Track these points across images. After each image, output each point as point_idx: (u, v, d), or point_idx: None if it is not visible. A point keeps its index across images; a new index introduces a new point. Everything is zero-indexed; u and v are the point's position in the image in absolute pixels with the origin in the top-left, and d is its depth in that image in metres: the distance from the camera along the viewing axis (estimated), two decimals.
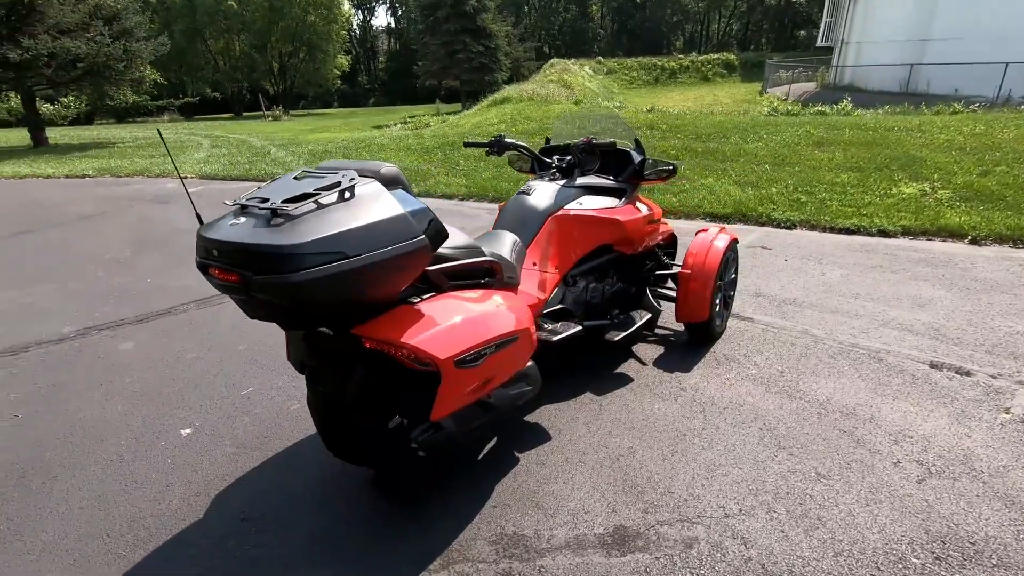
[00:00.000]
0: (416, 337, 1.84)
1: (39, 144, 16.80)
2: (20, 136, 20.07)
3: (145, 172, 10.61)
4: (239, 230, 1.64)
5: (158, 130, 2.28)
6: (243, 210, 1.72)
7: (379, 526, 2.12)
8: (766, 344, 3.36)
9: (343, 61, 48.05)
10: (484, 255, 2.30)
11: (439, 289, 2.12)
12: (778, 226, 5.67)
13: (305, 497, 2.29)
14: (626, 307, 3.20)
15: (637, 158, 3.17)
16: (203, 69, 43.20)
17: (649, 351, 3.33)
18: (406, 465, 2.14)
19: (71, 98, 28.87)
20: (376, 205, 1.77)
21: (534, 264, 2.73)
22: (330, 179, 1.82)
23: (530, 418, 2.74)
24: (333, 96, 53.80)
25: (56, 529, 2.20)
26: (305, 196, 1.72)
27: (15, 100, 22.35)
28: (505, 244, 2.61)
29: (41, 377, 3.39)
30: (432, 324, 1.91)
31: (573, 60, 24.61)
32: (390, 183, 1.91)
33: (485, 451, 2.53)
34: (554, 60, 22.81)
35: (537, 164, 3.18)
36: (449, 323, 1.93)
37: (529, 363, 2.31)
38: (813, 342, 3.35)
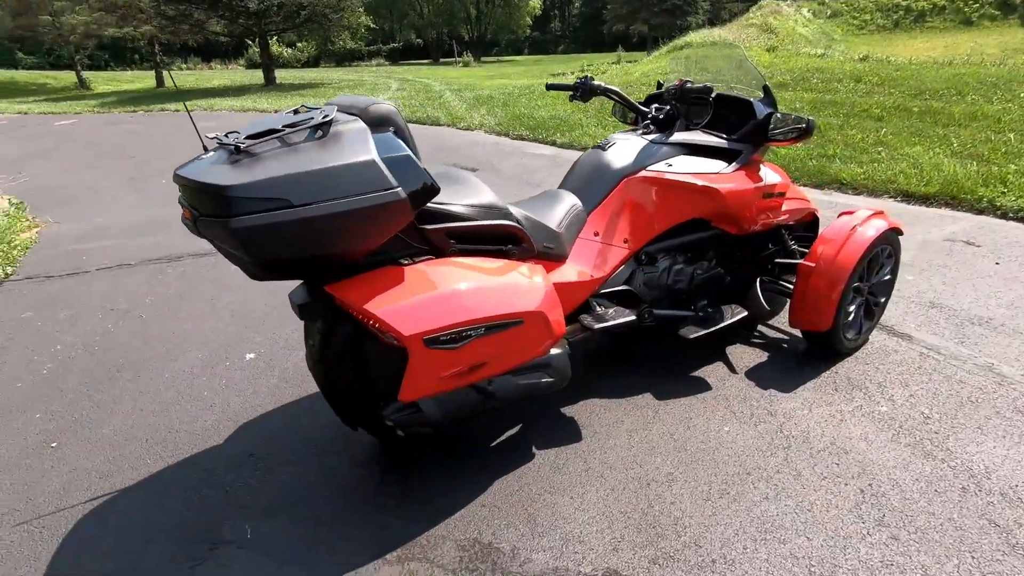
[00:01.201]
0: (383, 306, 1.60)
1: (269, 83, 19.48)
2: (259, 76, 23.51)
3: None
4: (198, 166, 1.52)
5: (184, 105, 2.26)
6: (220, 146, 1.59)
7: (365, 495, 2.00)
8: (918, 375, 2.51)
9: (535, 5, 47.87)
10: (505, 217, 1.94)
11: (439, 252, 1.83)
12: (1003, 216, 4.25)
13: (314, 444, 2.25)
14: (720, 299, 2.59)
15: (762, 111, 2.46)
16: (408, 16, 46.30)
17: (746, 357, 2.69)
18: (393, 439, 1.95)
19: (303, 44, 33.01)
20: (347, 148, 1.52)
21: (596, 234, 2.29)
22: (313, 116, 1.60)
23: (568, 410, 2.38)
24: (524, 43, 54.23)
25: (115, 425, 2.45)
26: (271, 132, 1.53)
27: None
28: (555, 208, 2.21)
29: (175, 284, 3.85)
30: (408, 293, 1.64)
31: (789, 1, 21.20)
32: (377, 124, 1.64)
33: (502, 438, 2.24)
34: (764, 1, 19.89)
35: (636, 114, 2.64)
36: (428, 295, 1.65)
37: (554, 351, 1.94)
38: (995, 384, 2.42)
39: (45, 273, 4.15)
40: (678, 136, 2.45)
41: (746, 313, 2.49)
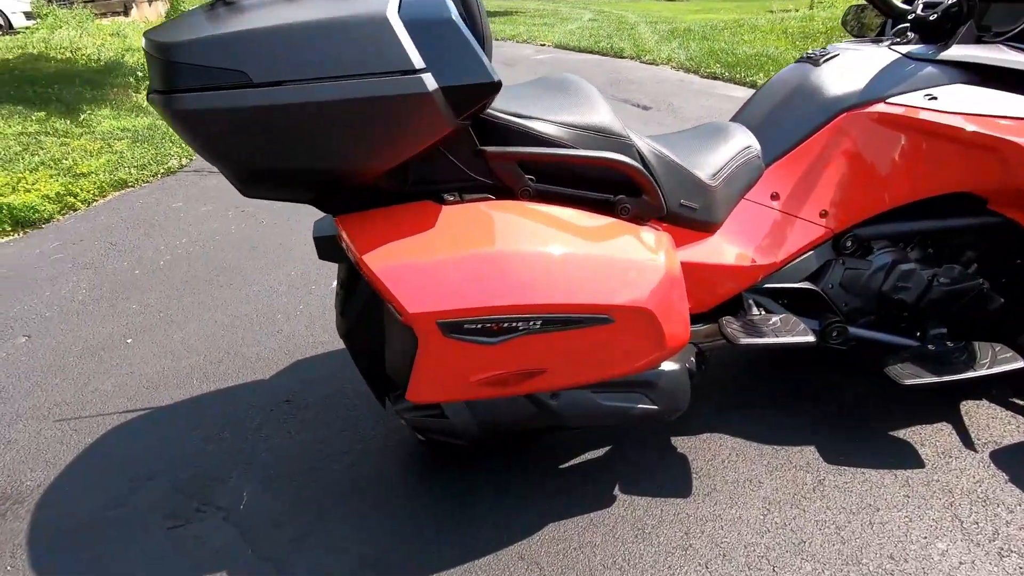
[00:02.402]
0: (386, 261, 1.05)
1: None
2: None
3: (516, 38, 11.09)
4: (172, 24, 1.06)
5: None
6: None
7: (386, 492, 1.57)
8: None
9: None
10: (621, 150, 1.24)
11: (508, 191, 1.21)
12: None
13: (358, 407, 1.86)
14: (972, 330, 1.61)
15: None
16: None
17: (995, 429, 1.69)
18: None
19: None
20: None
21: (774, 197, 1.47)
22: None
23: (681, 443, 1.67)
24: None
25: (187, 332, 2.31)
26: None
27: None
28: (714, 149, 1.44)
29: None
30: (432, 248, 1.06)
31: None
32: None
33: (579, 459, 1.63)
34: None
35: (887, 15, 1.67)
36: (461, 254, 1.05)
37: (666, 366, 1.26)
38: None
39: (209, 168, 4.33)
40: (958, 51, 1.45)
41: (1022, 364, 1.50)
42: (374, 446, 1.71)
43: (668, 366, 1.33)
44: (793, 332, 1.41)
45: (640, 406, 1.32)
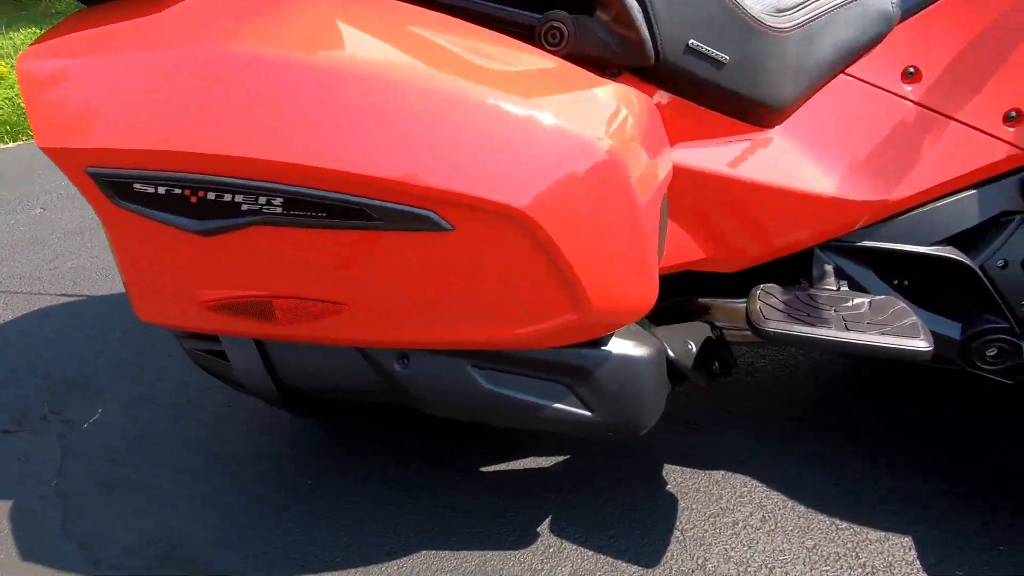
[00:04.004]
0: (42, 60, 0.59)
1: None
2: None
3: None
4: None
5: None
6: None
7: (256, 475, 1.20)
8: None
9: None
10: None
11: None
12: None
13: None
14: None
15: None
16: None
17: None
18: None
19: None
20: None
21: (910, 76, 0.80)
22: None
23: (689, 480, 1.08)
24: None
25: None
26: None
27: None
28: None
29: None
30: (114, 39, 0.59)
31: None
32: None
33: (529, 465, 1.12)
34: None
35: None
36: (149, 55, 0.57)
37: (616, 347, 0.69)
38: None
39: None
40: None
41: None
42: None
43: (619, 348, 0.73)
44: (894, 332, 0.71)
45: (560, 406, 0.76)
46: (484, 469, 1.12)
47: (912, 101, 0.80)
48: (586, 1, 0.69)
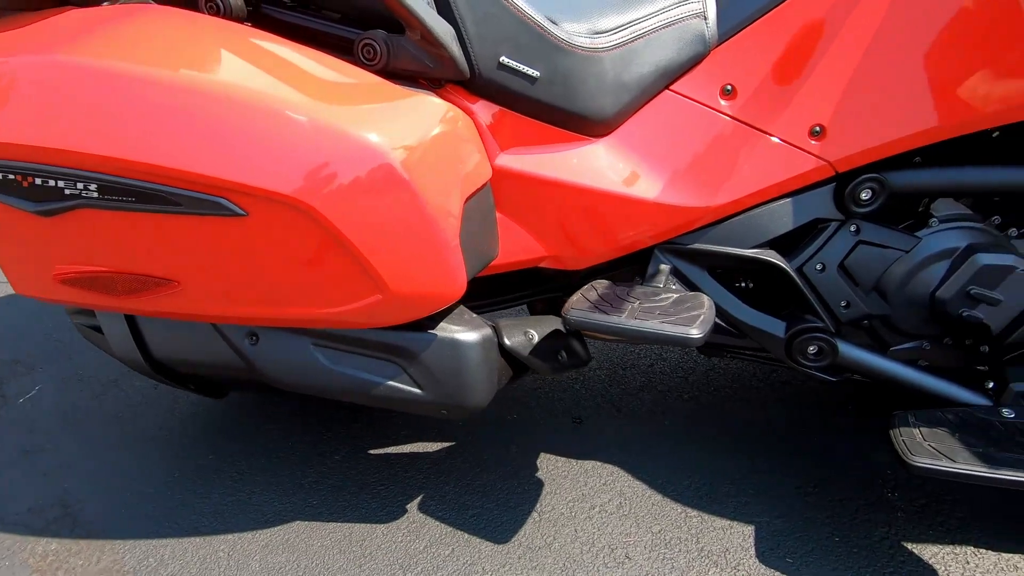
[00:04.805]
0: None
1: None
2: None
3: None
4: None
5: None
6: None
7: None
8: None
9: None
10: None
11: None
12: None
13: None
14: None
15: None
16: None
17: None
18: None
19: None
20: None
21: (728, 93, 0.87)
22: None
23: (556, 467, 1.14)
24: None
25: None
26: None
27: None
28: None
29: None
30: None
31: None
32: None
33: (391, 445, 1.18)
34: None
35: None
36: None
37: (442, 332, 0.78)
38: None
39: None
40: None
41: None
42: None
43: (444, 331, 0.81)
44: (674, 321, 0.77)
45: (394, 384, 0.84)
46: (362, 445, 1.20)
47: (729, 116, 0.87)
48: (397, 22, 0.78)
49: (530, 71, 0.81)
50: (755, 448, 1.16)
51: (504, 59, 0.80)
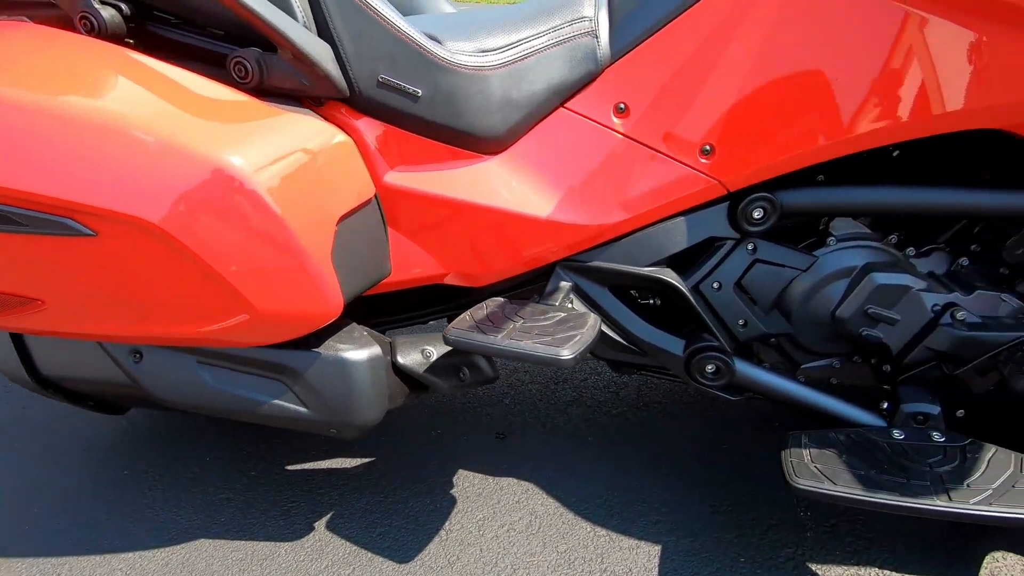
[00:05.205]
0: None
1: None
2: None
3: None
4: None
5: None
6: None
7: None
8: None
9: None
10: None
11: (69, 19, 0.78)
12: None
13: None
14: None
15: None
16: None
17: None
18: None
19: None
20: None
21: (621, 111, 0.85)
22: None
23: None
24: None
25: None
26: None
27: None
28: (513, 14, 0.86)
29: None
30: None
31: None
32: None
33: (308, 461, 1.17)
34: None
35: None
36: None
37: (327, 351, 0.78)
38: None
39: None
40: None
41: None
42: None
43: (329, 349, 0.80)
44: (548, 342, 0.76)
45: (279, 403, 0.83)
46: (280, 461, 1.18)
47: (623, 134, 0.86)
48: (255, 42, 0.77)
49: (411, 88, 0.81)
50: (675, 465, 1.15)
51: (383, 77, 0.80)
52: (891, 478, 0.76)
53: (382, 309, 1.04)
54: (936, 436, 0.81)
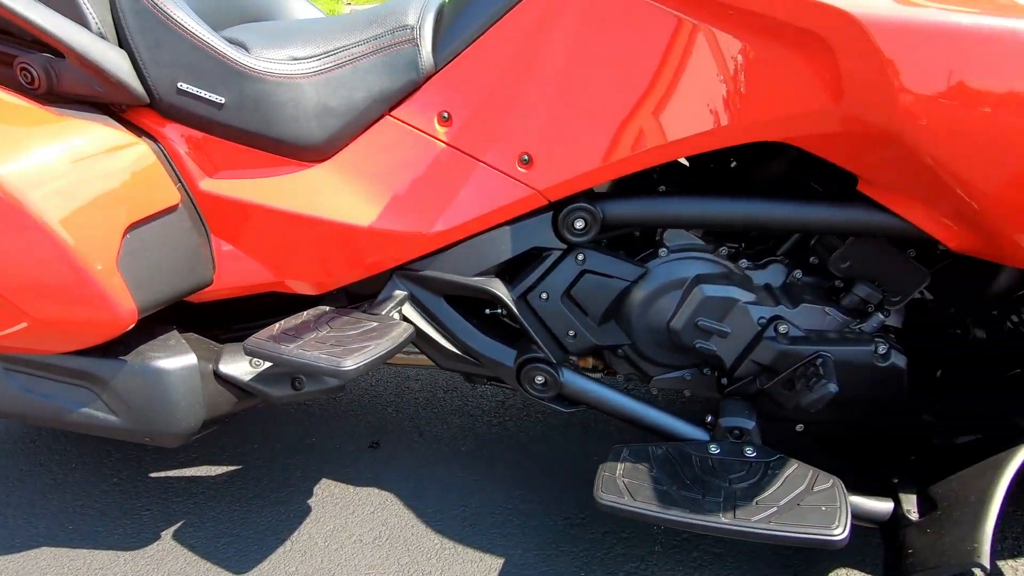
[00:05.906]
0: None
1: None
2: None
3: None
4: None
5: None
6: None
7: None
8: None
9: None
10: None
11: None
12: None
13: None
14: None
15: None
16: None
17: None
18: None
19: None
20: None
21: (444, 120, 0.86)
22: None
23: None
24: None
25: None
26: None
27: None
28: (335, 24, 0.86)
29: None
30: None
31: None
32: None
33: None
34: None
35: None
36: None
37: (136, 359, 0.78)
38: None
39: None
40: None
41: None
42: None
43: (137, 358, 0.79)
44: (341, 353, 0.74)
45: (88, 411, 0.82)
46: (145, 467, 1.17)
47: (446, 143, 0.86)
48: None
49: (213, 97, 0.80)
50: (543, 477, 1.14)
51: (182, 85, 0.79)
52: (688, 494, 0.74)
53: (218, 319, 1.03)
54: (748, 451, 0.80)
